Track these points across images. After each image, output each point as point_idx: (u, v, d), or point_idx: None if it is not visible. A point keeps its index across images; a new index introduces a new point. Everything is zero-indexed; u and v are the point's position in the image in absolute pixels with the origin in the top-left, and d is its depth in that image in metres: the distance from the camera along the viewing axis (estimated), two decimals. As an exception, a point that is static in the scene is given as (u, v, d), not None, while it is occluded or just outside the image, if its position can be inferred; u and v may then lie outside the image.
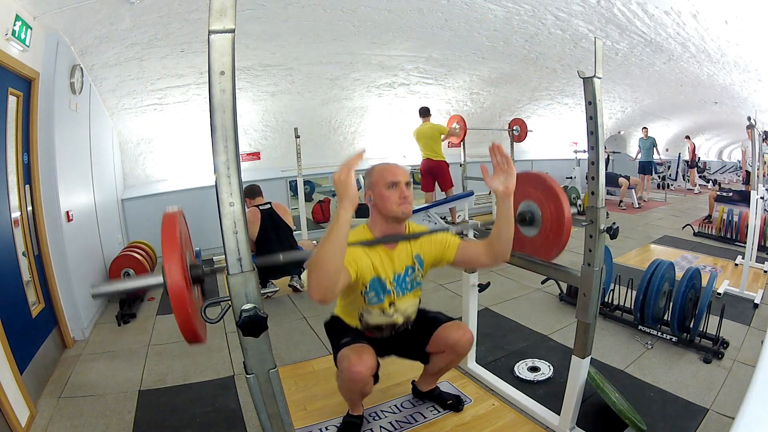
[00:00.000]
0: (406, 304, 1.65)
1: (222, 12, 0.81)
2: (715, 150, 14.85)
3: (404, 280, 1.60)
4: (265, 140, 5.77)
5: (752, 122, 3.32)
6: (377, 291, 1.56)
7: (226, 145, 0.83)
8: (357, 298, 1.59)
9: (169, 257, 0.92)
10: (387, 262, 1.57)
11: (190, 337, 0.97)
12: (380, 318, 1.62)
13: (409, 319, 1.70)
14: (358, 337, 1.65)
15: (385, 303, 1.60)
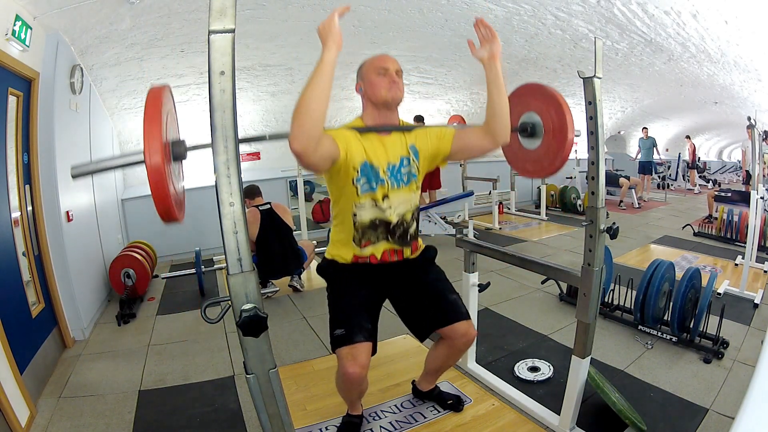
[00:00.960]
0: (401, 199, 1.50)
1: (222, 12, 0.81)
2: (715, 150, 14.86)
3: (399, 171, 1.48)
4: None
5: (752, 122, 3.32)
6: (369, 177, 1.43)
7: (226, 145, 0.83)
8: (349, 194, 1.45)
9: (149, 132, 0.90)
10: (380, 150, 1.46)
11: (165, 215, 0.96)
12: (373, 212, 1.47)
13: (405, 222, 1.53)
14: (355, 292, 1.54)
15: (378, 194, 1.45)
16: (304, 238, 4.46)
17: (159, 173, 0.89)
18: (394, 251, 1.55)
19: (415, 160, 1.51)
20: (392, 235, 1.52)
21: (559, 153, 1.57)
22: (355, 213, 1.47)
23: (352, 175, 1.42)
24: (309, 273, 4.10)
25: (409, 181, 1.51)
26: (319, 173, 1.41)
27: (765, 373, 0.59)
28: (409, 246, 1.57)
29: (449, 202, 5.27)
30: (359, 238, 1.50)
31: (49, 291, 2.58)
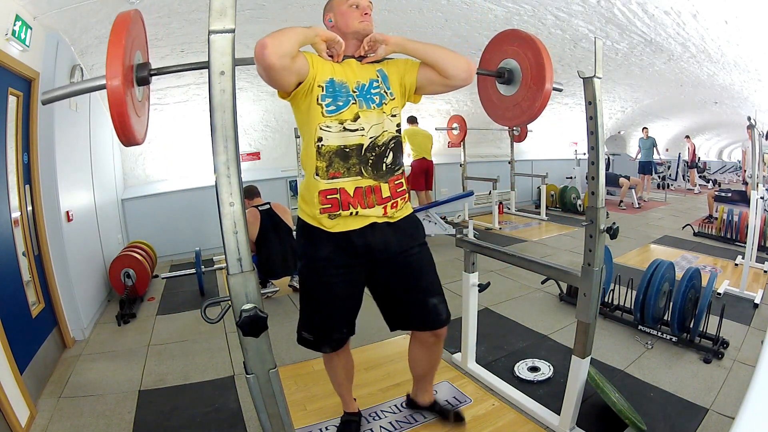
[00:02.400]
0: (373, 121, 1.36)
1: (222, 12, 0.81)
2: (715, 150, 14.86)
3: (369, 92, 1.37)
4: (265, 140, 5.77)
5: (752, 122, 3.32)
6: (336, 95, 1.31)
7: (226, 145, 0.83)
8: (313, 117, 1.32)
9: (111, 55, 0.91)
10: (348, 69, 1.36)
11: (124, 138, 0.98)
12: (341, 137, 1.32)
13: (377, 146, 1.36)
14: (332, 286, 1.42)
15: (347, 113, 1.32)
16: (304, 238, 4.45)
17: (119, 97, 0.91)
18: (370, 189, 1.36)
19: (383, 83, 1.40)
20: (365, 164, 1.34)
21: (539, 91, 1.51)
22: (320, 137, 1.32)
23: (317, 93, 1.30)
24: (309, 273, 4.09)
25: (381, 103, 1.38)
26: (284, 90, 1.30)
27: (765, 373, 0.59)
28: (386, 181, 1.39)
29: (449, 202, 5.27)
30: (325, 167, 1.33)
31: (49, 291, 2.58)
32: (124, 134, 0.97)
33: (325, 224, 1.37)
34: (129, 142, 1.00)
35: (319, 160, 1.33)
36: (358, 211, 1.35)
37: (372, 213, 1.36)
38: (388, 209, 1.39)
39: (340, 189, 1.34)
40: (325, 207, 1.35)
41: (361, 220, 1.36)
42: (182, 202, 4.82)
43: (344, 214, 1.35)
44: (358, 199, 1.35)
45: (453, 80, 1.39)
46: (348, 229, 1.36)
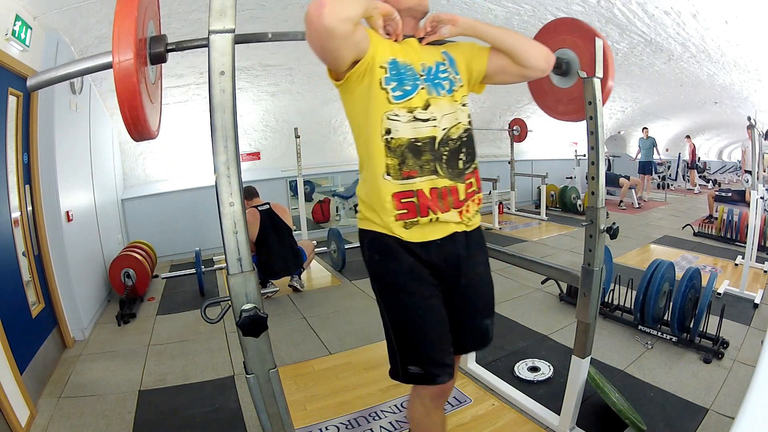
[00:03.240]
0: (445, 108, 1.14)
1: (222, 12, 0.81)
2: (715, 150, 14.85)
3: (437, 76, 1.16)
4: (265, 140, 5.77)
5: (752, 122, 3.31)
6: (402, 78, 1.10)
7: (226, 145, 0.83)
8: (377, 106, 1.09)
9: (120, 24, 0.74)
10: (410, 50, 1.16)
11: (136, 131, 0.82)
12: (412, 127, 1.10)
13: (451, 139, 1.14)
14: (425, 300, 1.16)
15: (416, 100, 1.10)
16: (304, 238, 4.46)
17: (129, 77, 0.74)
18: (447, 190, 1.13)
19: (451, 67, 1.21)
20: (439, 161, 1.12)
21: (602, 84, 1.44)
22: (388, 129, 1.09)
23: (380, 76, 1.08)
24: (309, 273, 4.10)
25: (451, 89, 1.17)
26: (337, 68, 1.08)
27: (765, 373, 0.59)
28: (462, 180, 1.17)
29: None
30: (398, 164, 1.10)
31: (49, 291, 2.58)
32: (136, 126, 0.81)
33: (402, 235, 1.13)
34: (142, 135, 0.84)
35: (389, 156, 1.10)
36: (438, 216, 1.13)
37: (451, 218, 1.15)
38: (464, 214, 1.18)
39: (417, 191, 1.11)
40: (401, 213, 1.11)
41: (440, 229, 1.16)
42: (182, 202, 4.82)
43: (423, 221, 1.12)
44: (435, 202, 1.12)
45: (531, 70, 1.21)
46: (426, 239, 1.15)
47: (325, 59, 1.05)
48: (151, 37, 0.87)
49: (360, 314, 3.06)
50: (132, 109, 0.79)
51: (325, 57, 1.04)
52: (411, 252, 1.15)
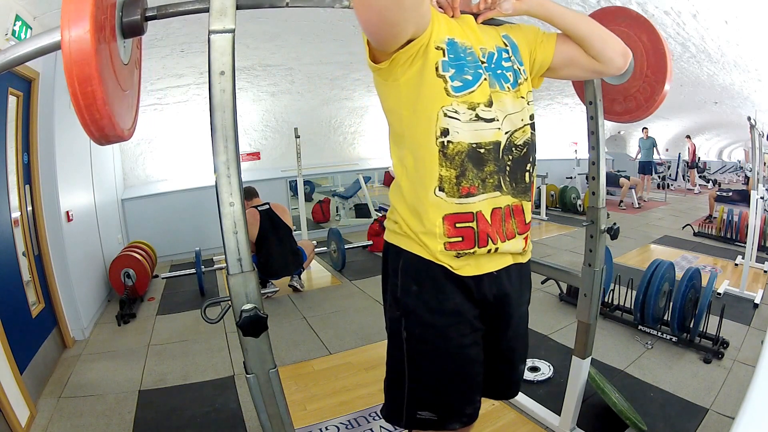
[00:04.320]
0: (510, 107, 0.92)
1: (222, 12, 0.81)
2: (715, 150, 14.84)
3: (500, 64, 0.93)
4: (265, 140, 5.77)
5: (752, 122, 3.31)
6: (461, 66, 0.87)
7: (226, 145, 0.82)
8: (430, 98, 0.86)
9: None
10: (469, 30, 0.93)
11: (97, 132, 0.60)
12: (475, 128, 0.87)
13: (515, 142, 0.92)
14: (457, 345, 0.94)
15: (480, 92, 0.87)
16: (304, 238, 4.46)
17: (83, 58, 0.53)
18: (509, 211, 0.93)
19: (514, 54, 0.98)
20: (503, 173, 0.90)
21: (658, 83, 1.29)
22: (445, 130, 0.85)
23: (436, 59, 0.85)
24: (309, 273, 4.10)
25: (515, 83, 0.94)
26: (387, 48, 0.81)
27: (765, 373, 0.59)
28: (528, 198, 0.97)
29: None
30: (455, 176, 0.86)
31: (49, 291, 2.58)
32: (97, 125, 0.59)
33: (452, 265, 0.91)
34: (106, 136, 0.62)
35: (444, 166, 0.86)
36: (498, 246, 0.92)
37: (513, 248, 0.96)
38: (527, 242, 1.01)
39: (477, 213, 0.88)
40: (454, 241, 0.89)
41: (498, 260, 0.95)
42: (182, 202, 4.82)
43: (480, 251, 0.90)
44: (497, 227, 0.91)
45: (607, 66, 0.99)
46: (481, 272, 0.93)
47: (376, 34, 0.78)
48: (124, 1, 0.66)
49: (360, 314, 3.06)
50: (89, 103, 0.57)
51: (379, 31, 0.76)
52: (460, 286, 0.93)
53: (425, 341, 0.95)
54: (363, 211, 5.89)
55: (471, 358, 0.97)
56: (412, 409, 0.97)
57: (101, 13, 0.58)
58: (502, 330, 1.03)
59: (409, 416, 0.98)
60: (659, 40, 1.29)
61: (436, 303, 0.93)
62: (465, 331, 0.95)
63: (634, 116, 1.44)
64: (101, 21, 0.58)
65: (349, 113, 5.98)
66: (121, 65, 0.68)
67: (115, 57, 0.64)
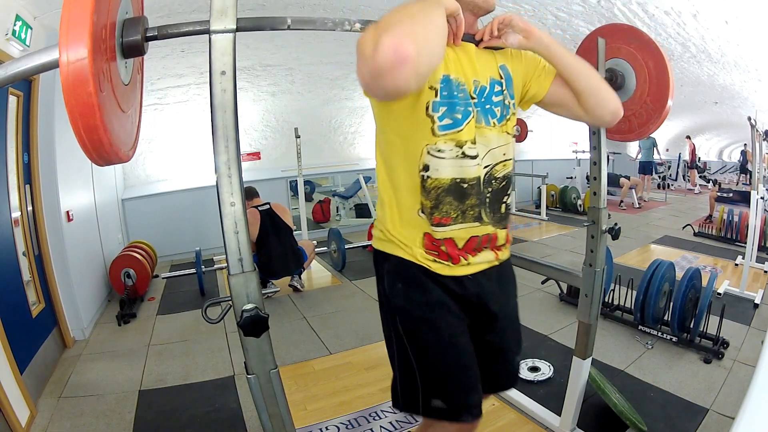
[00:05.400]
0: (494, 141, 0.98)
1: (223, 12, 0.81)
2: (715, 150, 14.84)
3: (489, 99, 0.97)
4: (265, 140, 5.78)
5: (752, 122, 3.31)
6: (452, 104, 0.91)
7: (227, 145, 0.82)
8: (418, 134, 0.92)
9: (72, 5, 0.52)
10: (465, 60, 0.95)
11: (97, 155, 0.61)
12: (456, 165, 0.93)
13: (495, 179, 0.99)
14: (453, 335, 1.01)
15: (468, 130, 0.93)
16: (304, 238, 4.46)
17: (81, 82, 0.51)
18: (487, 237, 1.01)
19: (508, 90, 1.01)
20: (484, 205, 0.98)
21: (656, 111, 1.29)
22: (426, 165, 0.93)
23: (428, 99, 0.90)
24: (309, 273, 4.10)
25: (502, 117, 0.99)
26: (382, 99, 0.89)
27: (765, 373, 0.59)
28: (503, 227, 1.05)
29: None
30: (430, 207, 0.95)
31: (49, 291, 2.58)
32: (97, 150, 0.60)
33: (431, 266, 1.00)
34: (106, 159, 0.63)
35: (423, 195, 0.95)
36: (469, 261, 1.01)
37: (484, 259, 1.03)
38: (498, 252, 1.07)
39: (445, 240, 0.97)
40: (430, 252, 0.99)
41: (472, 268, 1.03)
42: (182, 202, 4.82)
43: (452, 265, 1.01)
44: (469, 250, 1.00)
45: (594, 120, 1.07)
46: (459, 274, 1.02)
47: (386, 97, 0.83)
48: (125, 20, 0.65)
49: (360, 314, 3.06)
50: (89, 128, 0.56)
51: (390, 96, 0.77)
52: (440, 284, 1.00)
53: (419, 334, 1.01)
54: (363, 211, 5.89)
55: (463, 345, 1.03)
56: (428, 398, 1.01)
57: (100, 31, 0.57)
58: (491, 325, 1.09)
59: (426, 405, 1.01)
60: (666, 71, 1.28)
61: (421, 298, 1.00)
62: (452, 321, 1.01)
63: (625, 137, 1.45)
64: (101, 39, 0.57)
65: (349, 113, 5.98)
66: (121, 85, 0.68)
67: (115, 76, 0.64)
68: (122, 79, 0.68)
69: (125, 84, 0.70)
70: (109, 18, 0.60)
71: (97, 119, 0.56)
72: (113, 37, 0.62)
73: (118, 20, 0.65)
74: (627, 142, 1.47)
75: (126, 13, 0.69)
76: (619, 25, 1.44)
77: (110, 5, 0.61)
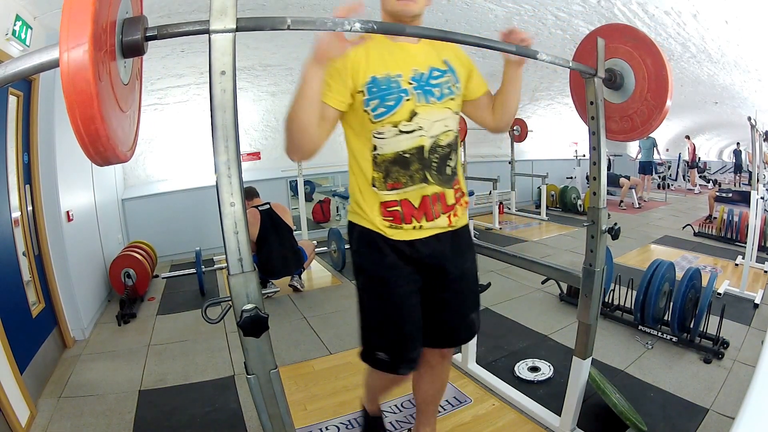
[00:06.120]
0: (434, 117, 1.17)
1: (223, 11, 0.81)
2: (715, 150, 14.84)
3: (428, 82, 1.16)
4: (265, 140, 5.77)
5: (752, 122, 3.31)
6: (383, 96, 1.12)
7: (227, 145, 0.82)
8: (363, 124, 1.17)
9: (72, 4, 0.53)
10: (400, 56, 1.16)
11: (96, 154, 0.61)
12: (396, 142, 1.15)
13: (440, 147, 1.18)
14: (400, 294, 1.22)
15: (401, 111, 1.13)
16: (304, 238, 4.46)
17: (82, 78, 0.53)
18: (436, 197, 1.20)
19: (453, 76, 1.21)
20: (429, 169, 1.17)
21: (657, 108, 1.32)
22: (374, 146, 1.16)
23: (360, 100, 1.14)
24: (309, 273, 4.10)
25: (442, 96, 1.18)
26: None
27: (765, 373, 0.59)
28: (450, 186, 1.23)
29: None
30: (382, 177, 1.17)
31: (49, 291, 2.58)
32: (96, 147, 0.60)
33: (387, 232, 1.21)
34: (105, 158, 0.63)
35: (375, 170, 1.18)
36: (422, 224, 1.20)
37: (437, 224, 1.22)
38: (452, 218, 1.24)
39: (402, 201, 1.18)
40: (387, 219, 1.20)
41: (425, 232, 1.22)
42: (182, 202, 4.82)
43: (406, 227, 1.19)
44: (423, 211, 1.19)
45: (494, 126, 1.35)
46: (411, 238, 1.21)
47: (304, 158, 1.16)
48: (124, 20, 0.65)
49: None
50: (88, 124, 0.56)
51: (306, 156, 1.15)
52: (395, 249, 1.21)
53: (374, 290, 1.25)
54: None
55: (411, 304, 1.24)
56: (372, 350, 1.27)
57: (101, 31, 0.57)
58: (445, 284, 1.28)
59: (370, 355, 1.27)
60: (663, 67, 1.30)
61: (378, 259, 1.22)
62: (401, 282, 1.22)
63: (629, 137, 1.47)
64: (101, 40, 0.57)
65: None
66: (121, 85, 0.68)
67: (115, 76, 0.64)
68: (122, 78, 0.69)
69: (124, 84, 0.71)
70: (110, 17, 0.61)
71: (96, 115, 0.57)
72: (113, 36, 0.62)
73: (118, 20, 0.66)
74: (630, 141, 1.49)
75: (126, 13, 0.69)
76: (614, 25, 1.46)
77: (111, 5, 0.61)
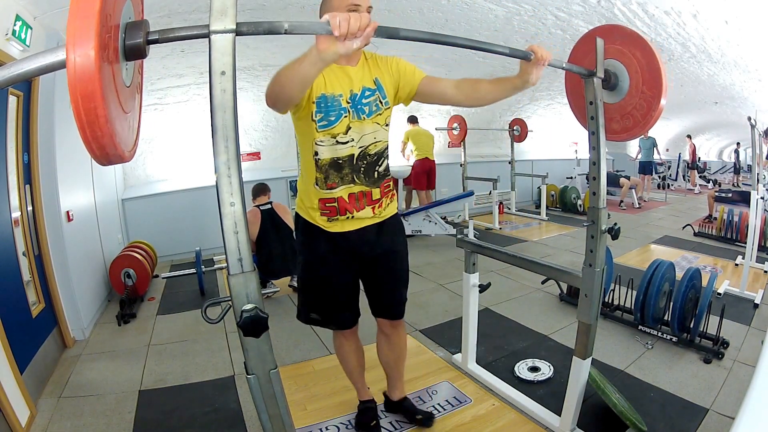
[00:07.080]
0: (365, 129, 1.42)
1: (223, 12, 0.81)
2: (715, 150, 14.85)
3: (360, 102, 1.40)
4: (265, 140, 5.77)
5: (752, 122, 3.31)
6: (327, 111, 1.36)
7: (227, 145, 0.82)
8: (309, 132, 1.39)
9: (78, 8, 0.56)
10: (344, 79, 1.39)
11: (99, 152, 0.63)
12: (333, 150, 1.39)
13: (368, 155, 1.44)
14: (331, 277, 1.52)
15: (338, 128, 1.37)
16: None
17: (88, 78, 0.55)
18: (362, 194, 1.46)
19: (379, 92, 1.44)
20: (357, 172, 1.43)
21: (655, 98, 1.33)
22: (316, 152, 1.40)
23: (311, 109, 1.35)
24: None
25: (371, 113, 1.42)
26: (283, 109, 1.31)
27: (765, 373, 0.59)
28: (377, 186, 1.48)
29: (450, 202, 5.27)
30: (323, 178, 1.42)
31: (49, 291, 2.58)
32: (100, 145, 0.62)
33: (323, 225, 1.48)
34: (108, 157, 0.65)
35: (317, 172, 1.42)
36: (353, 215, 1.46)
37: (364, 215, 1.48)
38: (376, 209, 1.50)
39: (338, 198, 1.44)
40: (324, 212, 1.46)
41: (356, 223, 1.48)
42: (182, 201, 4.82)
43: (342, 218, 1.46)
44: (353, 204, 1.45)
45: (470, 103, 1.49)
46: (345, 230, 1.48)
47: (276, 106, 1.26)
48: (127, 24, 0.67)
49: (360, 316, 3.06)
50: (93, 123, 0.58)
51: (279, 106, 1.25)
52: (330, 239, 1.49)
53: (309, 272, 1.57)
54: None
55: (338, 284, 1.56)
56: (307, 311, 1.62)
57: (106, 32, 0.60)
58: (375, 266, 1.59)
59: (305, 315, 1.62)
60: (653, 55, 1.32)
61: (314, 248, 1.51)
62: (331, 270, 1.53)
63: (632, 134, 1.48)
64: (105, 41, 0.60)
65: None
66: (123, 87, 0.71)
67: (118, 78, 0.67)
68: (124, 80, 0.72)
69: (126, 86, 0.74)
70: (113, 21, 0.64)
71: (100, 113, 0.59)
72: (117, 39, 0.65)
73: (121, 23, 0.68)
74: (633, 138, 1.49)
75: (129, 17, 0.72)
76: (605, 26, 1.48)
77: (114, 9, 0.64)
